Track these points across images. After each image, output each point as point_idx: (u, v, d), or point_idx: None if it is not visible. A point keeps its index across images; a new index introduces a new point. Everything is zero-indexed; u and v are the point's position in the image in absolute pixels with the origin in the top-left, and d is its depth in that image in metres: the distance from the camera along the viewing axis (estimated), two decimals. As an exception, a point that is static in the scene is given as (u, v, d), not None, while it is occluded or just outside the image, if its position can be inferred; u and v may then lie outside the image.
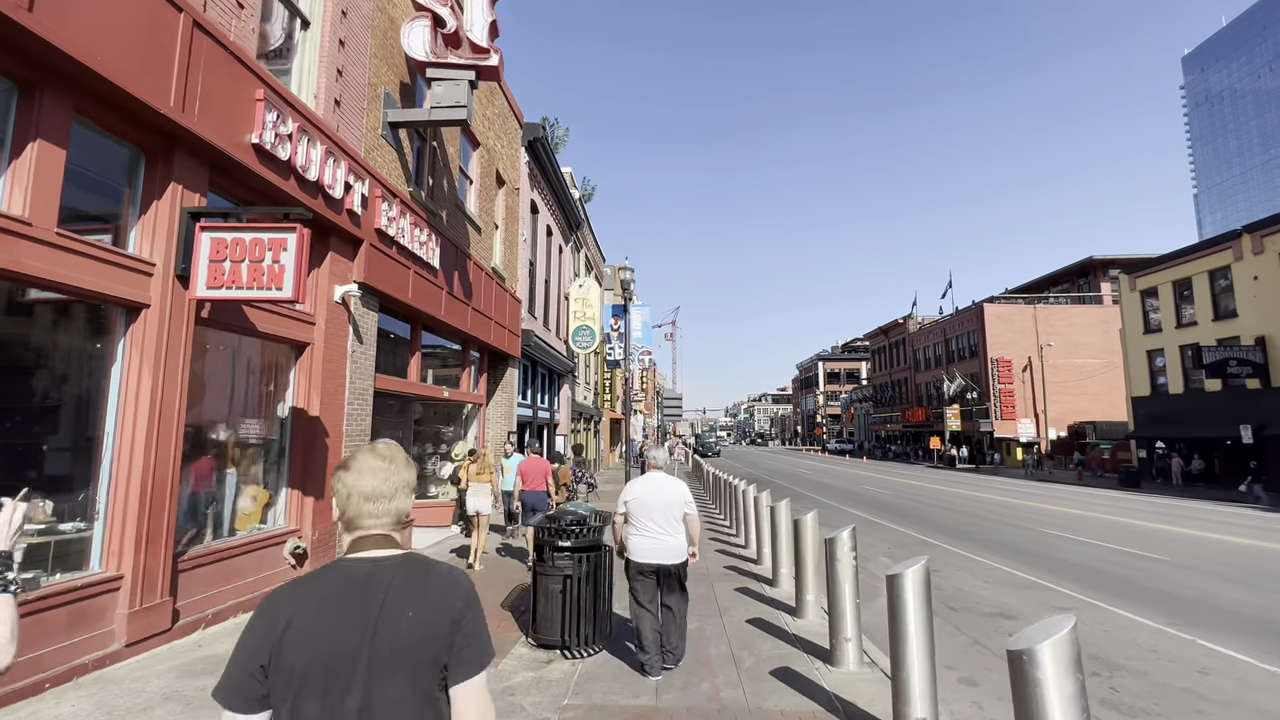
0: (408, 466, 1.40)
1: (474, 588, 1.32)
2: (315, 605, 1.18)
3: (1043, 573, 8.32)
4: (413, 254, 8.70)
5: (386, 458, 1.36)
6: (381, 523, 1.32)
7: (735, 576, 7.53)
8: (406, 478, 1.38)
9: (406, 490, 1.38)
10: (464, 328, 11.03)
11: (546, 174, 17.83)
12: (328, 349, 6.88)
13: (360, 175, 7.22)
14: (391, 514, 1.33)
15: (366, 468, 1.33)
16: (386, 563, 1.26)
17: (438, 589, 1.25)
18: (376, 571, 1.23)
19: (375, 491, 1.31)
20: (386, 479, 1.33)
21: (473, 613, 1.26)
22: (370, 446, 1.40)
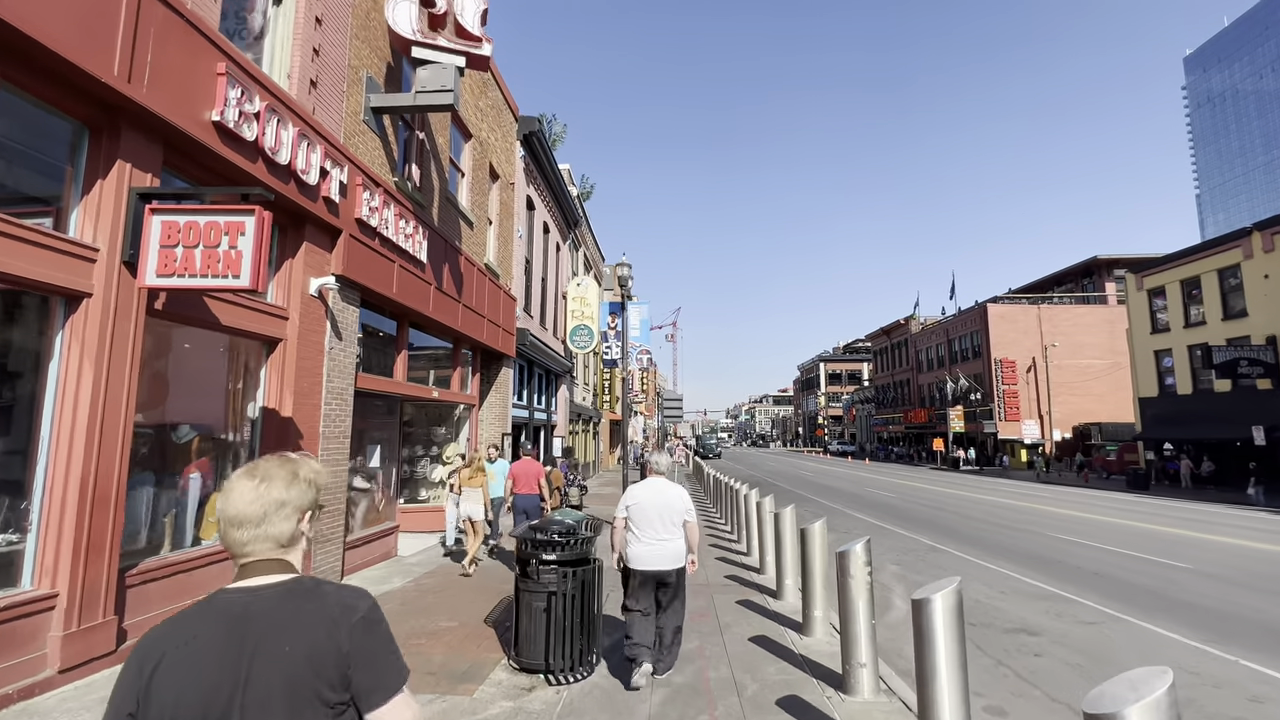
0: (290, 485, 1.25)
1: (374, 610, 1.20)
2: (184, 645, 1.09)
3: (1061, 582, 7.87)
4: (398, 246, 8.28)
5: (259, 476, 1.23)
6: (253, 550, 1.20)
7: (736, 587, 7.09)
8: (283, 497, 1.23)
9: (287, 511, 1.23)
10: (455, 325, 10.61)
11: (543, 169, 17.42)
12: (302, 345, 6.46)
13: (339, 161, 6.81)
14: (264, 540, 1.20)
15: (233, 490, 1.22)
16: (265, 593, 1.15)
17: (320, 618, 1.13)
18: (252, 603, 1.13)
19: (240, 516, 1.20)
20: (254, 501, 1.20)
21: (368, 639, 1.15)
22: (250, 465, 1.28)
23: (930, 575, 8.28)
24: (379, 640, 1.17)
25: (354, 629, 1.14)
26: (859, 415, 69.93)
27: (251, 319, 5.84)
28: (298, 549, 1.27)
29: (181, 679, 1.06)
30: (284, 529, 1.22)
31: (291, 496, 1.24)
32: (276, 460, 1.28)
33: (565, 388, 21.31)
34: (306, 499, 1.27)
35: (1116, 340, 40.32)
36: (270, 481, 1.23)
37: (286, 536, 1.23)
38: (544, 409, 18.74)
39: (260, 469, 1.25)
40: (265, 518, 1.20)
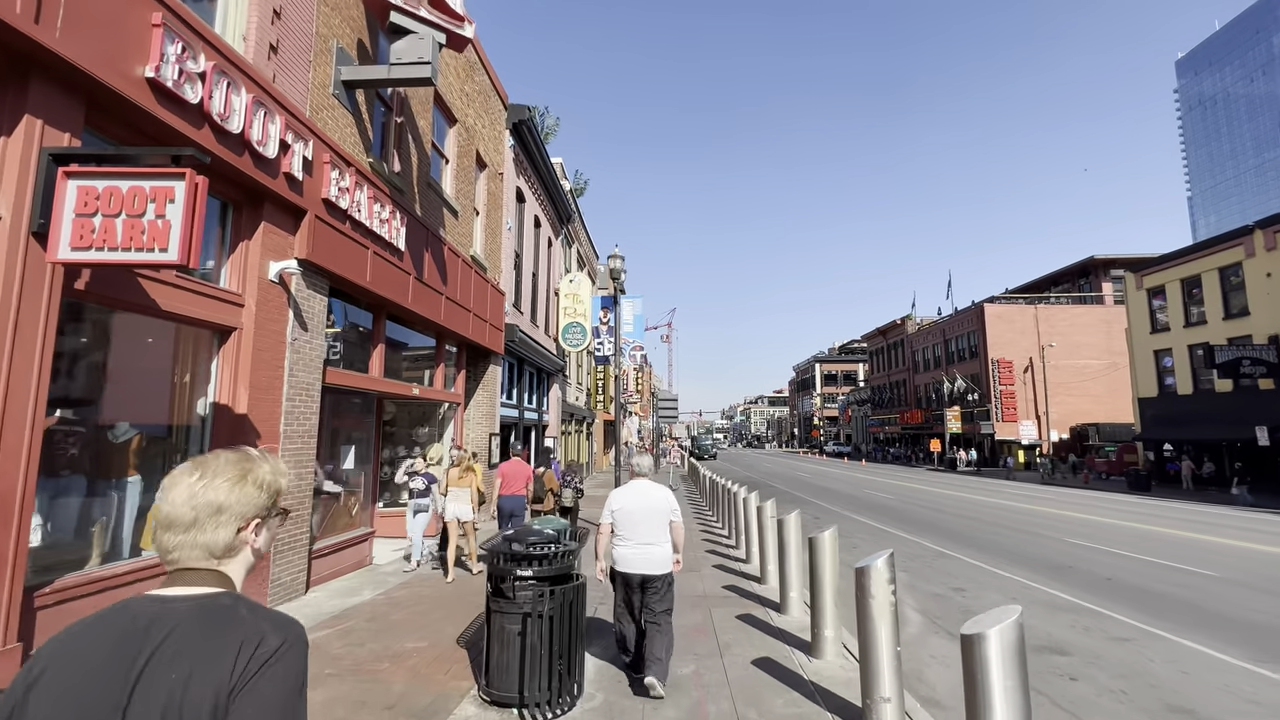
0: (235, 487, 1.08)
1: (290, 650, 0.98)
2: (70, 658, 0.94)
3: (1083, 592, 7.36)
4: (372, 232, 7.70)
5: (200, 473, 1.07)
6: (180, 558, 1.04)
7: (736, 599, 6.54)
8: (222, 500, 1.06)
9: (224, 519, 1.06)
10: (437, 319, 10.02)
11: (534, 160, 16.85)
12: (260, 335, 5.87)
13: (302, 135, 6.23)
14: (193, 548, 1.04)
15: (170, 486, 1.07)
16: (176, 605, 0.99)
17: (220, 648, 0.94)
18: (160, 616, 0.97)
19: (170, 518, 1.05)
20: (187, 502, 1.05)
21: (262, 688, 0.93)
22: (200, 457, 1.11)
23: (940, 583, 7.77)
24: (274, 694, 0.94)
25: (248, 667, 0.93)
26: (855, 416, 69.60)
27: (198, 304, 5.25)
28: (237, 561, 1.10)
29: (56, 699, 0.92)
30: (217, 538, 1.06)
31: (233, 501, 1.07)
32: (228, 456, 1.12)
33: (557, 387, 20.73)
34: (253, 505, 1.10)
35: (1113, 340, 40.10)
36: (211, 481, 1.07)
37: (220, 547, 1.06)
38: (535, 409, 18.16)
39: (206, 465, 1.09)
40: (196, 523, 1.04)
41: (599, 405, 28.34)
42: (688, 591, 6.85)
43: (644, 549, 4.25)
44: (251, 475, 1.11)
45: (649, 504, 4.35)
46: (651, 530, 4.28)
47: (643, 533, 4.27)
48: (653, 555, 4.24)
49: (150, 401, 5.27)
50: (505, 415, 14.96)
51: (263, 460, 1.15)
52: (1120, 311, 40.61)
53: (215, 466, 1.09)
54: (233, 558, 1.09)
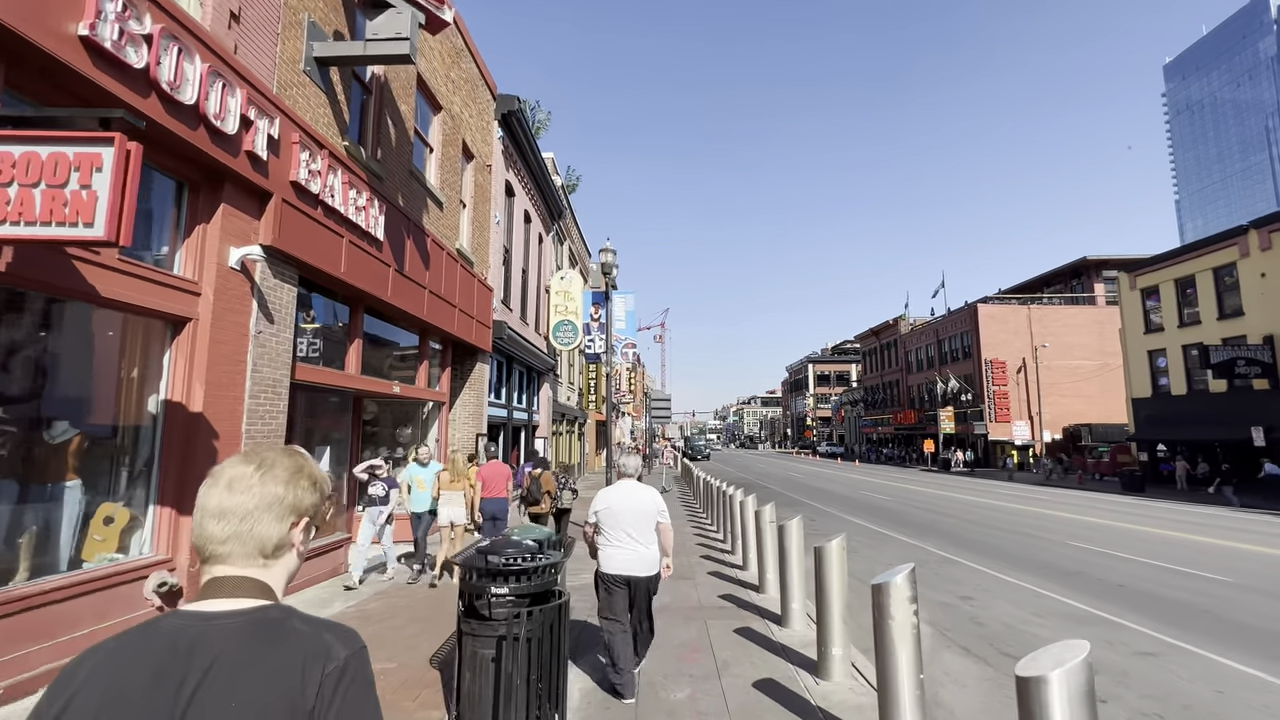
0: (294, 479, 1.02)
1: (356, 660, 0.90)
2: (104, 684, 0.83)
3: (1097, 600, 7.01)
4: (347, 219, 7.24)
5: (258, 462, 1.02)
6: (230, 552, 0.96)
7: (733, 611, 6.13)
8: (281, 492, 1.00)
9: (278, 510, 0.99)
10: (420, 314, 9.57)
11: (524, 153, 16.40)
12: (219, 327, 5.40)
13: (267, 112, 5.77)
14: (246, 540, 0.97)
15: (222, 475, 1.00)
16: (222, 623, 0.89)
17: (280, 667, 0.85)
18: (203, 635, 0.87)
19: (224, 506, 0.97)
20: (247, 490, 0.98)
21: (341, 703, 0.86)
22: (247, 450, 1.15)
23: (947, 591, 7.40)
24: (355, 705, 0.87)
25: (323, 686, 0.85)
26: (848, 417, 69.51)
27: (147, 292, 4.78)
28: (282, 565, 1.01)
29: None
30: (273, 532, 0.98)
31: (291, 494, 1.01)
32: (281, 450, 1.07)
33: (548, 386, 20.28)
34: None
35: (1105, 341, 40.11)
36: (270, 470, 1.01)
37: (274, 542, 0.98)
38: (524, 408, 17.70)
39: (261, 455, 1.04)
40: (255, 511, 0.97)
41: (591, 406, 27.89)
42: (682, 602, 6.44)
43: (630, 550, 4.15)
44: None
45: (636, 505, 4.21)
46: (639, 531, 4.17)
47: (629, 534, 4.15)
48: (640, 556, 4.14)
49: (93, 399, 4.79)
50: (493, 415, 14.50)
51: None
52: (1112, 312, 40.66)
53: (271, 458, 1.04)
54: (278, 560, 1.00)
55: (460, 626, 3.47)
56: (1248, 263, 24.42)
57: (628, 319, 17.17)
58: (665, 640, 5.17)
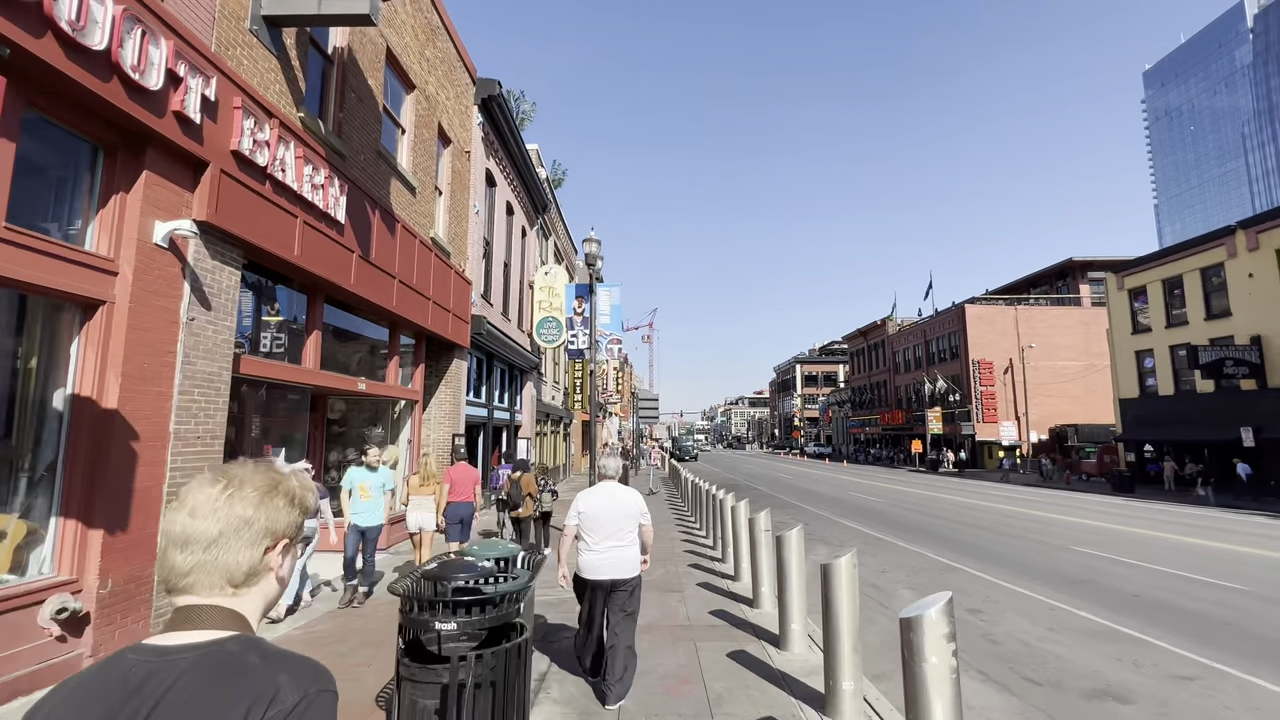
0: (266, 499, 0.93)
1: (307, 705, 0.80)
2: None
3: (1114, 613, 6.54)
4: (301, 198, 6.56)
5: (225, 482, 0.92)
6: (195, 583, 0.88)
7: (726, 630, 5.55)
8: (249, 514, 0.91)
9: (248, 535, 0.90)
10: (388, 305, 8.89)
11: (506, 142, 15.73)
12: (140, 312, 4.72)
13: (202, 70, 5.09)
14: (211, 570, 0.89)
15: (186, 498, 0.91)
16: (176, 658, 0.82)
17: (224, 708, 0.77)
18: (156, 672, 0.81)
19: (186, 533, 0.89)
20: (211, 514, 0.90)
21: None
22: (216, 468, 0.95)
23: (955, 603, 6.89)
24: None
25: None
26: (835, 417, 69.46)
27: (47, 269, 4.09)
28: (257, 591, 0.92)
29: None
30: (243, 558, 0.90)
31: (263, 515, 0.92)
32: (254, 466, 0.97)
33: (532, 385, 19.61)
34: (282, 522, 0.95)
35: (1091, 342, 40.26)
36: (239, 490, 0.92)
37: (244, 569, 0.90)
38: (506, 408, 17.02)
39: (230, 474, 0.94)
40: (220, 539, 0.89)
41: (576, 405, 27.25)
42: (669, 619, 5.85)
43: (611, 553, 4.04)
44: (282, 487, 0.96)
45: (618, 507, 4.12)
46: (621, 533, 4.08)
47: (611, 537, 4.05)
48: (621, 558, 4.05)
49: (-21, 393, 4.10)
50: (471, 415, 13.82)
51: (291, 474, 1.00)
52: (1097, 313, 40.84)
53: (241, 475, 0.94)
54: (251, 587, 0.91)
55: (399, 669, 2.84)
56: (1235, 263, 24.41)
57: (612, 313, 16.52)
58: (651, 667, 4.58)
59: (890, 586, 7.71)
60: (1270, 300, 22.91)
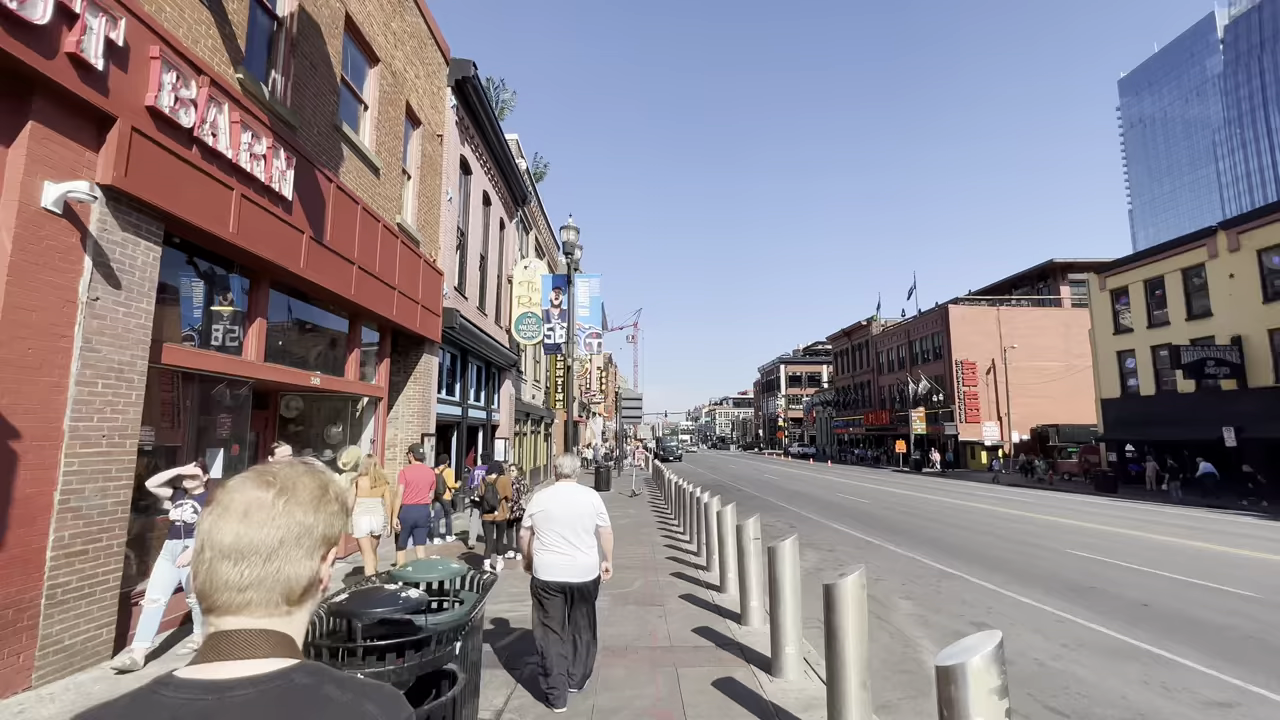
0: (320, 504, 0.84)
1: None
2: None
3: (1129, 626, 6.07)
4: (239, 168, 5.85)
5: (278, 486, 0.82)
6: (251, 601, 0.77)
7: (711, 652, 4.95)
8: (308, 523, 0.82)
9: (309, 544, 0.81)
10: (345, 293, 8.18)
11: (482, 128, 15.01)
12: (21, 288, 3.99)
13: (109, 11, 4.37)
14: (273, 586, 0.78)
15: (234, 502, 0.80)
16: (237, 695, 0.69)
17: None
18: (215, 712, 0.67)
19: (241, 544, 0.77)
20: (268, 522, 0.79)
21: None
22: (257, 469, 0.84)
23: (956, 614, 6.39)
24: None
25: None
26: (819, 417, 69.50)
27: (-112, 230, 3.36)
28: (306, 610, 0.83)
29: None
30: (303, 570, 0.80)
31: (321, 520, 0.83)
32: (301, 467, 0.87)
33: (510, 383, 18.88)
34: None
35: (1071, 343, 40.54)
36: (294, 495, 0.82)
37: (303, 583, 0.80)
38: (482, 406, 16.30)
39: (278, 475, 0.83)
40: (280, 548, 0.78)
41: (558, 404, 26.54)
42: (649, 638, 5.25)
43: (567, 556, 3.93)
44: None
45: (574, 508, 4.01)
46: (576, 535, 3.96)
47: (565, 539, 3.94)
48: (577, 562, 3.93)
49: None
50: (444, 413, 13.10)
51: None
52: (1077, 314, 41.16)
53: (292, 478, 0.84)
54: (305, 603, 0.82)
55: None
56: (1216, 264, 24.51)
57: (592, 305, 15.86)
58: (627, 700, 3.98)
59: (886, 596, 7.19)
60: (1251, 301, 23.01)
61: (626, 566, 8.38)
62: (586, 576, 3.95)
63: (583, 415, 44.07)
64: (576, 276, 12.11)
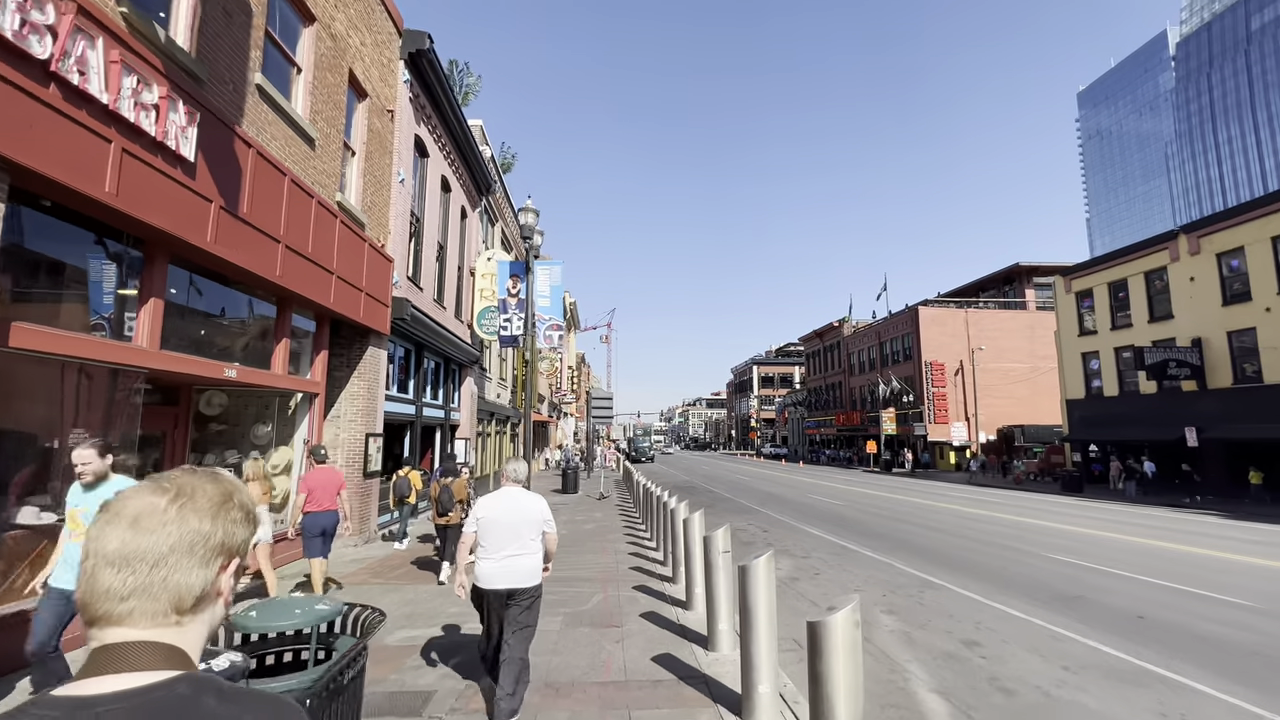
0: (221, 511, 0.80)
1: None
2: None
3: (1129, 643, 5.58)
4: (118, 117, 4.92)
5: (172, 491, 0.78)
6: (133, 610, 0.72)
7: (674, 690, 4.23)
8: (204, 530, 0.78)
9: (203, 552, 0.77)
10: (269, 275, 7.25)
11: (440, 108, 14.08)
12: None
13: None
14: (158, 595, 0.73)
15: (124, 510, 0.76)
16: (111, 709, 0.64)
17: None
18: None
19: (125, 551, 0.73)
20: (157, 529, 0.75)
21: None
22: (154, 477, 0.81)
23: (942, 630, 5.82)
24: None
25: None
26: (791, 418, 69.73)
27: None
28: (202, 620, 0.77)
29: None
30: (195, 579, 0.75)
31: (220, 528, 0.79)
32: (202, 473, 0.83)
33: (472, 381, 17.93)
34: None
35: (1036, 345, 41.28)
36: (191, 499, 0.78)
37: (195, 593, 0.75)
38: (440, 405, 15.34)
39: (176, 481, 0.80)
40: (170, 556, 0.74)
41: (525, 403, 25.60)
42: (599, 672, 4.51)
43: (510, 561, 3.82)
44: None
45: (519, 513, 3.90)
46: (521, 542, 3.87)
47: (509, 545, 3.83)
48: (519, 566, 3.83)
49: None
50: (396, 412, 12.15)
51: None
52: (1042, 317, 41.95)
53: (191, 484, 0.80)
54: (198, 614, 0.76)
55: None
56: (1177, 267, 24.94)
57: (553, 294, 15.01)
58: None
59: (867, 611, 6.59)
60: (1210, 303, 23.44)
61: (585, 579, 7.63)
62: (528, 581, 3.81)
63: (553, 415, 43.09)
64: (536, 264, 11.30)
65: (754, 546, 10.79)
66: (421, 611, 6.14)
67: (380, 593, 7.01)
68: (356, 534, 10.12)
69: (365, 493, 10.44)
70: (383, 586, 7.36)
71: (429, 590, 7.08)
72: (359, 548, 10.03)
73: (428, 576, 7.89)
